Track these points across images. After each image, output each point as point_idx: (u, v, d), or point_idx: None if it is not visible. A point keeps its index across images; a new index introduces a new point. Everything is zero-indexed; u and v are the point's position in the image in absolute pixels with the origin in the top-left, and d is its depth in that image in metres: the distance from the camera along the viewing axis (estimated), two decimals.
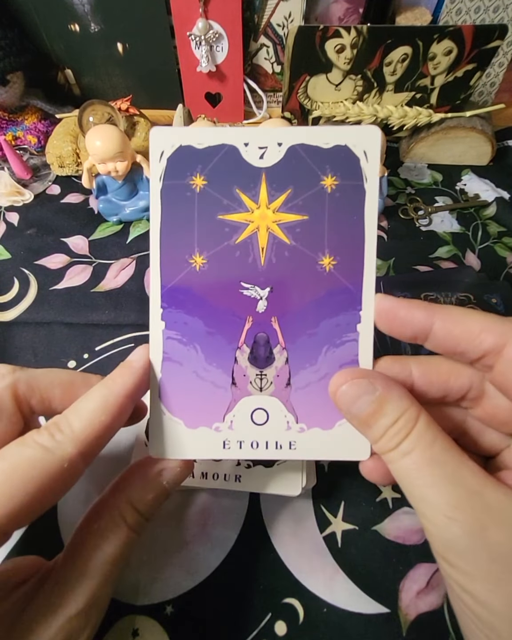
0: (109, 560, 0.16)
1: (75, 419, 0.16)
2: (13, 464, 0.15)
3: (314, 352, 0.18)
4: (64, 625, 0.15)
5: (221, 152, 0.18)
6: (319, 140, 0.18)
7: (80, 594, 0.15)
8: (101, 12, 0.43)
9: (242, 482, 0.24)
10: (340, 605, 0.23)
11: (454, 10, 0.43)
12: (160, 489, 0.18)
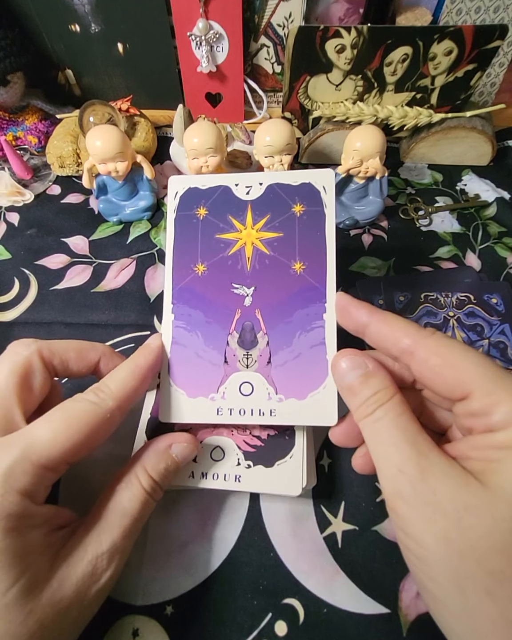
0: (127, 514, 0.20)
1: (111, 383, 0.21)
2: (71, 413, 0.19)
3: (289, 337, 0.23)
4: (91, 561, 0.18)
5: (218, 190, 0.25)
6: (290, 179, 0.25)
7: (103, 540, 0.19)
8: (102, 12, 0.43)
9: (242, 482, 0.24)
10: (340, 605, 0.23)
11: (454, 11, 0.43)
12: (170, 460, 0.22)
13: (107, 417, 0.19)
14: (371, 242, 0.40)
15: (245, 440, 0.25)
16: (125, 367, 0.22)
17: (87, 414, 0.19)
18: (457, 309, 0.32)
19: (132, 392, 0.21)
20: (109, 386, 0.21)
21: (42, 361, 0.22)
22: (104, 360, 0.24)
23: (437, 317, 0.32)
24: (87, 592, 0.18)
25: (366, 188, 0.38)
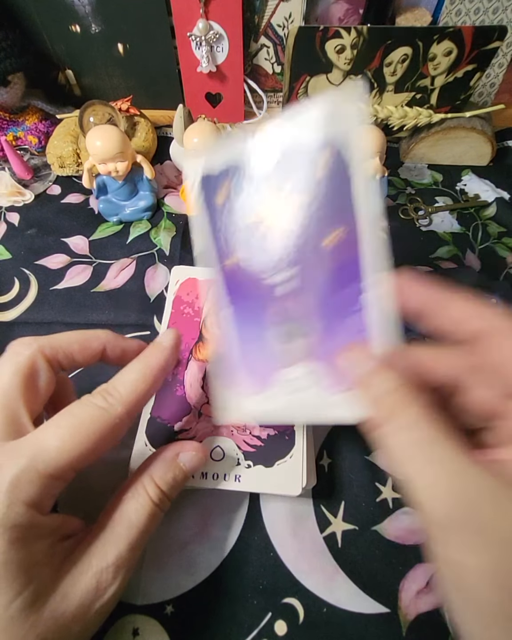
0: (133, 525, 0.19)
1: (121, 386, 0.20)
2: (79, 419, 0.18)
3: None
4: (95, 574, 0.18)
5: (231, 172, 0.21)
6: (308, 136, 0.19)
7: (109, 552, 0.18)
8: (102, 13, 0.43)
9: (242, 482, 0.24)
10: (340, 605, 0.23)
11: (453, 12, 0.43)
12: (178, 470, 0.21)
13: (116, 423, 0.19)
14: None
15: (245, 440, 0.25)
16: (135, 368, 0.21)
17: (95, 420, 0.18)
18: None
19: (142, 396, 0.20)
20: (119, 390, 0.20)
21: (46, 359, 0.21)
22: (109, 346, 0.23)
23: None
24: (90, 606, 0.17)
25: None
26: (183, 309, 0.31)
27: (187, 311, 0.31)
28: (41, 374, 0.21)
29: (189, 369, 0.28)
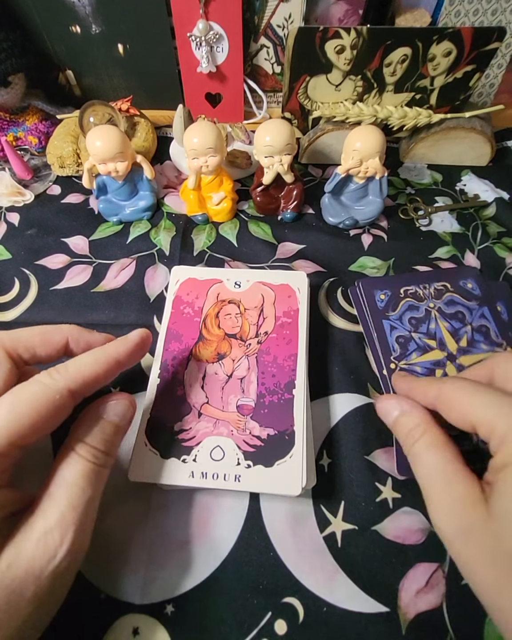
0: (69, 484, 0.19)
1: (71, 364, 0.21)
2: (19, 396, 0.19)
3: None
4: (40, 538, 0.18)
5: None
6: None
7: (49, 515, 0.18)
8: (102, 13, 0.43)
9: (241, 482, 0.24)
10: (340, 604, 0.23)
11: (453, 13, 0.43)
12: (105, 424, 0.22)
13: (56, 398, 0.19)
14: (371, 242, 0.40)
15: (245, 440, 0.25)
16: (92, 352, 0.22)
17: (34, 396, 0.19)
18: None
19: (90, 376, 0.20)
20: (67, 367, 0.20)
21: (5, 352, 0.22)
22: (71, 340, 0.23)
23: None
24: (42, 570, 0.17)
25: (366, 188, 0.38)
26: (183, 309, 0.31)
27: (187, 311, 0.31)
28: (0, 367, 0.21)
29: (189, 369, 0.28)
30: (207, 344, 0.29)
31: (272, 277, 0.32)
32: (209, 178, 0.38)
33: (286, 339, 0.29)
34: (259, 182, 0.39)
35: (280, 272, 0.32)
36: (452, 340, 0.31)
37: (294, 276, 0.32)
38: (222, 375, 0.28)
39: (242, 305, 0.31)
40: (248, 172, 0.45)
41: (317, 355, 0.32)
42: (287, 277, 0.32)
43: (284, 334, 0.29)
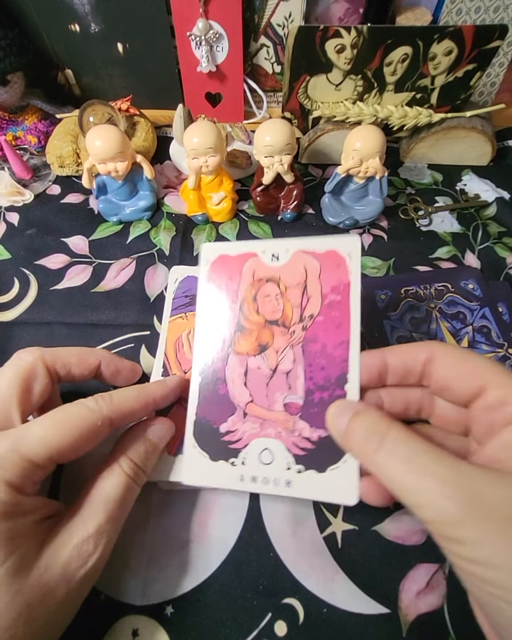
0: (109, 498, 0.21)
1: (115, 394, 0.22)
2: (66, 415, 0.21)
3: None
4: (77, 545, 0.19)
5: None
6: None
7: (89, 525, 0.20)
8: (101, 12, 0.43)
9: (292, 488, 0.22)
10: (340, 605, 0.23)
11: (454, 11, 0.43)
12: (147, 442, 0.23)
13: (98, 424, 0.20)
14: (371, 242, 0.40)
15: (295, 442, 0.23)
16: (135, 388, 0.23)
17: (79, 418, 0.20)
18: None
19: (130, 410, 0.22)
20: (112, 396, 0.22)
21: (45, 366, 0.23)
22: (104, 362, 0.25)
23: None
24: (74, 574, 0.19)
25: (366, 188, 0.38)
26: (217, 294, 0.26)
27: (222, 297, 0.26)
28: (38, 379, 0.23)
29: (230, 365, 0.25)
30: (246, 334, 0.25)
31: (316, 243, 0.25)
32: (209, 178, 0.38)
33: (335, 322, 0.24)
34: (259, 182, 0.39)
35: (326, 238, 0.26)
36: (453, 340, 0.31)
37: (344, 240, 0.25)
38: (265, 369, 0.25)
39: (282, 283, 0.25)
40: (248, 172, 0.45)
41: None
42: (335, 242, 0.25)
43: (332, 316, 0.24)
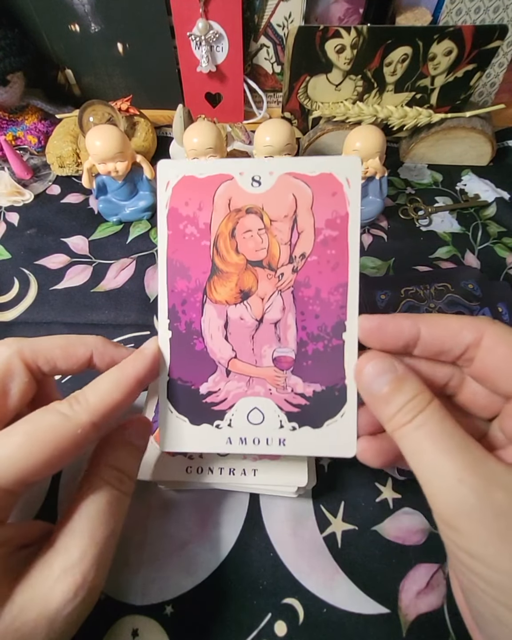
0: (93, 517, 0.18)
1: (91, 394, 0.18)
2: (35, 426, 0.17)
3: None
4: (59, 577, 0.16)
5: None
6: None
7: (71, 551, 0.17)
8: (101, 12, 0.43)
9: (287, 446, 0.21)
10: (340, 605, 0.23)
11: (454, 11, 0.43)
12: (129, 446, 0.21)
13: (77, 433, 0.17)
14: (371, 242, 0.40)
15: (287, 399, 0.21)
16: (110, 376, 0.19)
17: (53, 429, 0.17)
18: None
19: (113, 406, 0.18)
20: (88, 397, 0.18)
21: (24, 362, 0.20)
22: (96, 353, 0.21)
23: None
24: (58, 613, 0.16)
25: (366, 188, 0.38)
26: (183, 228, 0.21)
27: (191, 231, 0.21)
28: (16, 378, 0.19)
29: (206, 315, 0.21)
30: (224, 278, 0.21)
31: (308, 164, 0.21)
32: None
33: (331, 263, 0.21)
34: None
35: (320, 158, 0.21)
36: None
37: (342, 162, 0.21)
38: (249, 320, 0.22)
39: (266, 215, 0.21)
40: None
41: None
42: (330, 163, 0.21)
43: (328, 255, 0.21)
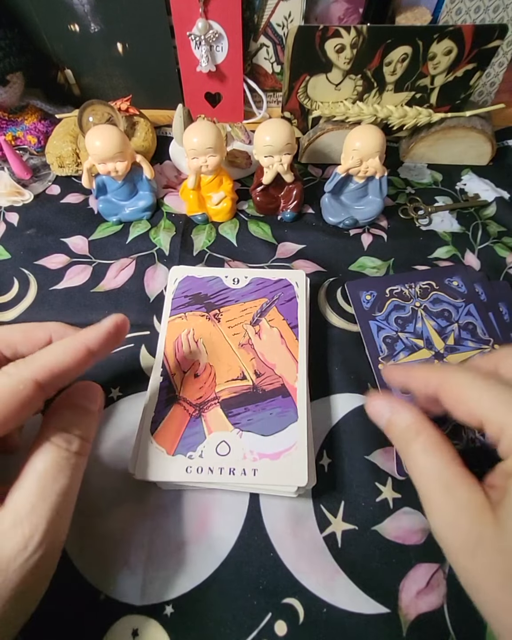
0: (40, 474, 0.18)
1: (38, 354, 0.19)
2: None
3: None
4: (7, 530, 0.17)
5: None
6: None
7: (19, 505, 0.17)
8: (101, 12, 0.43)
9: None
10: (340, 605, 0.23)
11: (454, 10, 0.43)
12: (75, 407, 0.21)
13: (20, 389, 0.18)
14: (371, 241, 0.40)
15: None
16: (61, 342, 0.20)
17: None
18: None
19: (58, 366, 0.19)
20: (35, 357, 0.19)
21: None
22: (55, 337, 0.22)
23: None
24: (10, 562, 0.16)
25: (366, 188, 0.38)
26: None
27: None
28: None
29: None
30: None
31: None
32: (208, 178, 0.38)
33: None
34: (259, 182, 0.39)
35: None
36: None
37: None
38: None
39: None
40: (248, 172, 0.45)
41: (317, 355, 0.32)
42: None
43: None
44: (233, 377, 0.28)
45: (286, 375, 0.28)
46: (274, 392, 0.27)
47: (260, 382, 0.28)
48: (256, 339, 0.29)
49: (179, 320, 0.31)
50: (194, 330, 0.30)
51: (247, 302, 0.31)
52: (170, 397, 0.27)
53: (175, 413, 0.27)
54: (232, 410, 0.27)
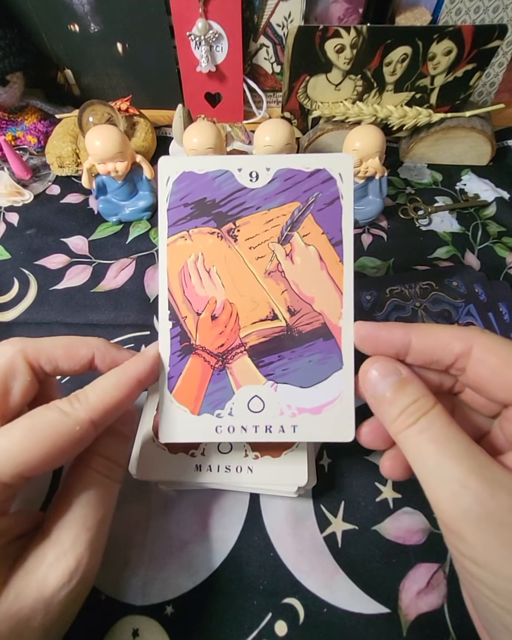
0: (82, 504, 0.18)
1: (91, 392, 0.19)
2: (35, 422, 0.17)
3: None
4: (52, 563, 0.17)
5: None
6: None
7: (62, 537, 0.17)
8: (101, 12, 0.43)
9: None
10: (340, 605, 0.23)
11: (453, 10, 0.43)
12: (116, 434, 0.21)
13: (76, 430, 0.17)
14: (371, 242, 0.40)
15: None
16: (112, 375, 0.20)
17: (52, 425, 0.17)
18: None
19: (112, 404, 0.19)
20: (88, 395, 0.19)
21: (27, 362, 0.20)
22: (98, 354, 0.21)
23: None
24: (54, 596, 0.16)
25: (366, 188, 0.38)
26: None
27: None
28: (18, 377, 0.20)
29: None
30: None
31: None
32: None
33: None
34: None
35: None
36: None
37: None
38: None
39: None
40: None
41: None
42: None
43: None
44: (261, 318, 0.22)
45: (327, 311, 0.21)
46: (313, 333, 0.21)
47: (295, 323, 0.21)
48: (288, 263, 0.21)
49: (182, 241, 0.22)
50: (204, 256, 0.22)
51: (272, 208, 0.21)
52: (185, 346, 0.22)
53: (193, 366, 0.22)
54: (264, 358, 0.22)
